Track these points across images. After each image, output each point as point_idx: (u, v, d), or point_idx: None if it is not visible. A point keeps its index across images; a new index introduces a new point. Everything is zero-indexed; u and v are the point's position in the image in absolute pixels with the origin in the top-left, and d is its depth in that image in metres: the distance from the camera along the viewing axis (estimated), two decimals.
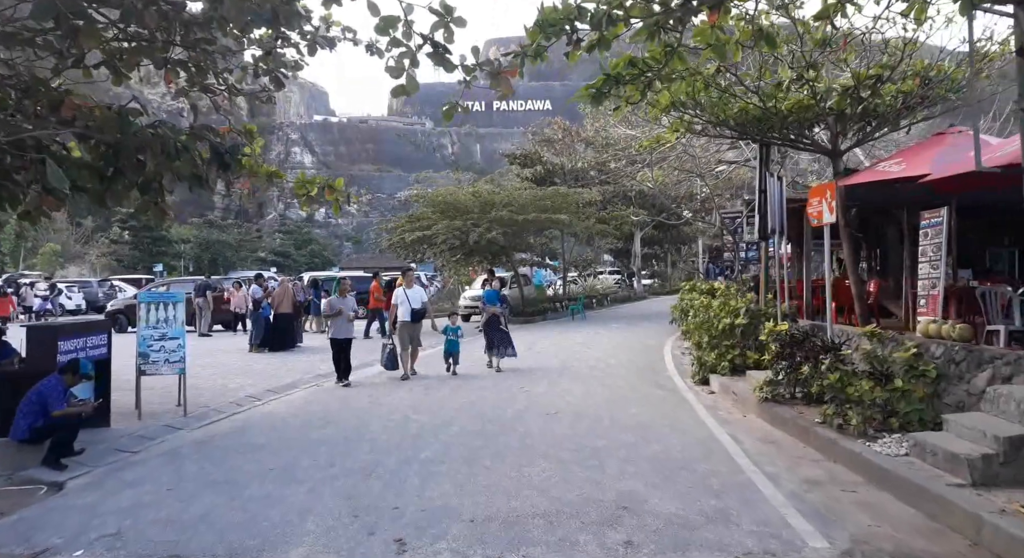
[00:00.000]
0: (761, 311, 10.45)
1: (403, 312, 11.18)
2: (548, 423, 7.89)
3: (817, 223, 8.52)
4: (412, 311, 11.14)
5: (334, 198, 9.96)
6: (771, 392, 7.98)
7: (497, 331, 11.93)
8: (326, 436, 7.44)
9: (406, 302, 11.19)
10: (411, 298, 11.18)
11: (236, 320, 20.17)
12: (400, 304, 11.25)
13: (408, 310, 11.13)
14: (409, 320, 11.17)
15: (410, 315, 11.14)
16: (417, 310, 11.23)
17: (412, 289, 11.38)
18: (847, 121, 10.23)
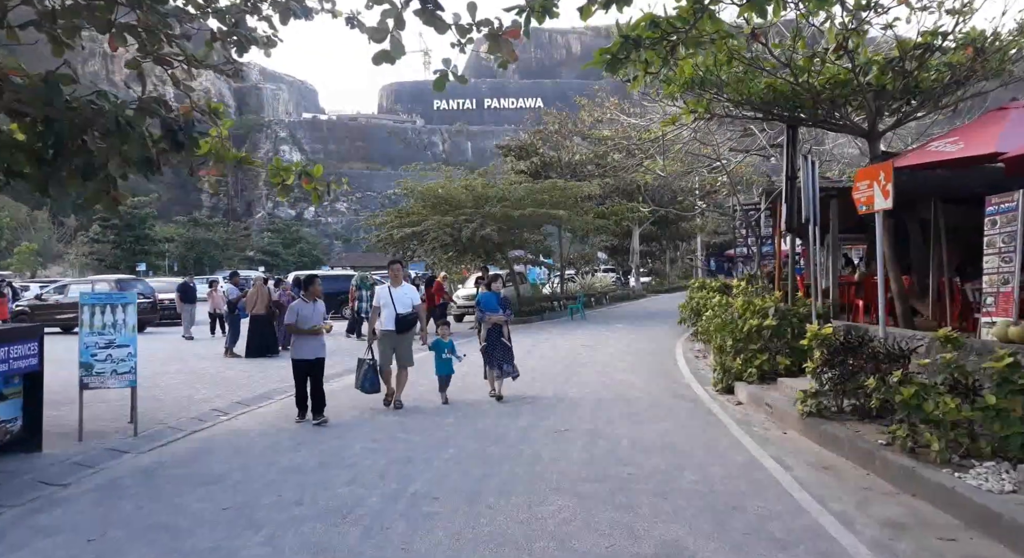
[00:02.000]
0: (792, 311, 9.34)
1: (386, 317, 8.65)
2: (559, 444, 6.75)
3: (866, 210, 7.42)
4: (397, 317, 8.61)
5: (312, 187, 8.80)
6: (816, 405, 6.88)
7: (500, 346, 9.23)
8: (297, 462, 6.27)
9: (390, 305, 8.64)
10: (397, 300, 8.69)
11: (214, 322, 18.93)
12: (383, 307, 8.70)
13: (392, 315, 8.61)
14: (393, 329, 8.62)
15: (395, 322, 8.62)
16: (404, 316, 8.64)
17: (400, 288, 8.84)
18: (887, 98, 9.14)
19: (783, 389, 8.51)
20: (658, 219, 34.47)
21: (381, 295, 8.87)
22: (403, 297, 8.79)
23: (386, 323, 8.67)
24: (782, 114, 9.87)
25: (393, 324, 8.62)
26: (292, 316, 8.09)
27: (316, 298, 8.36)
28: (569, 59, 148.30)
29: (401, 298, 8.76)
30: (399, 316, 8.63)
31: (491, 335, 9.22)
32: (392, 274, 9.03)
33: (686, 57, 7.67)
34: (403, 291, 8.85)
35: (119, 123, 6.46)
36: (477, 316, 9.52)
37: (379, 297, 8.88)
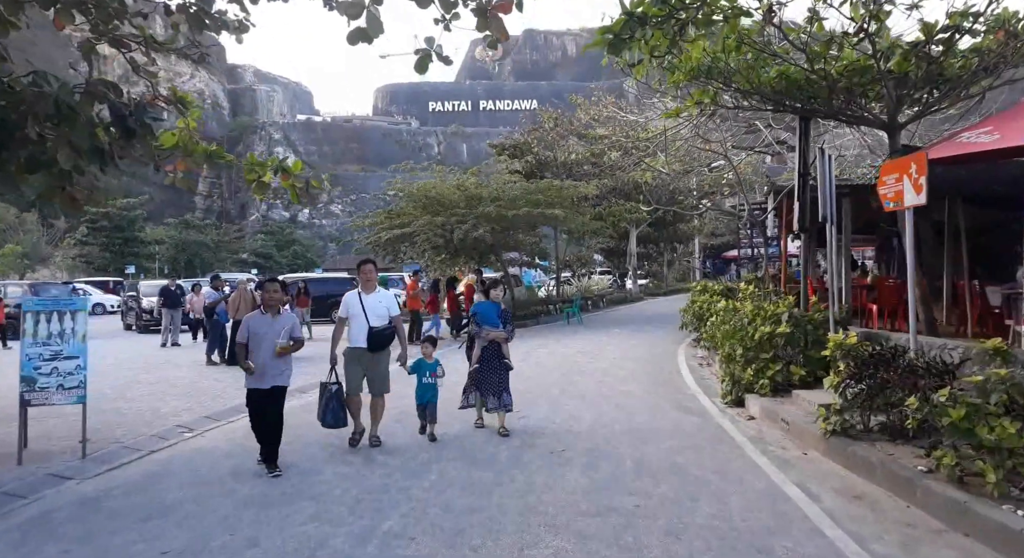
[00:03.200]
0: (807, 317, 8.66)
1: (355, 331, 6.85)
2: (555, 468, 6.03)
3: (894, 207, 6.73)
4: (370, 332, 6.78)
5: (289, 185, 8.08)
6: (840, 423, 6.18)
7: (498, 367, 7.42)
8: (260, 490, 5.55)
9: (360, 315, 6.81)
10: (369, 309, 6.83)
11: (196, 327, 18.15)
12: (352, 318, 6.87)
13: (363, 329, 6.79)
14: (364, 346, 6.81)
15: (365, 338, 6.79)
16: (379, 330, 6.83)
17: (373, 294, 6.98)
18: (909, 87, 8.46)
19: (799, 403, 7.82)
20: (656, 221, 33.81)
21: (348, 303, 6.94)
22: (376, 306, 6.89)
23: (355, 339, 6.83)
24: (794, 105, 9.19)
25: (364, 340, 6.79)
26: (243, 333, 6.16)
27: (276, 307, 6.38)
28: (565, 61, 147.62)
29: (374, 307, 6.87)
30: (372, 330, 6.78)
31: (488, 356, 7.38)
32: (363, 277, 7.06)
33: (696, 39, 7.00)
34: (377, 298, 6.96)
35: (60, 108, 5.76)
36: (472, 330, 7.48)
37: (346, 305, 6.96)
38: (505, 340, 7.50)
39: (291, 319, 6.40)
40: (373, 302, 6.93)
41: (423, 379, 7.25)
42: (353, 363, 6.89)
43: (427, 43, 5.88)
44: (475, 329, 7.49)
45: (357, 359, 6.88)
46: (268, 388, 6.10)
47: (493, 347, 7.44)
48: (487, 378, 7.41)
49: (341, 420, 6.70)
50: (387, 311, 7.00)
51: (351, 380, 6.87)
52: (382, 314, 6.93)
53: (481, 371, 7.41)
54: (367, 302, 6.90)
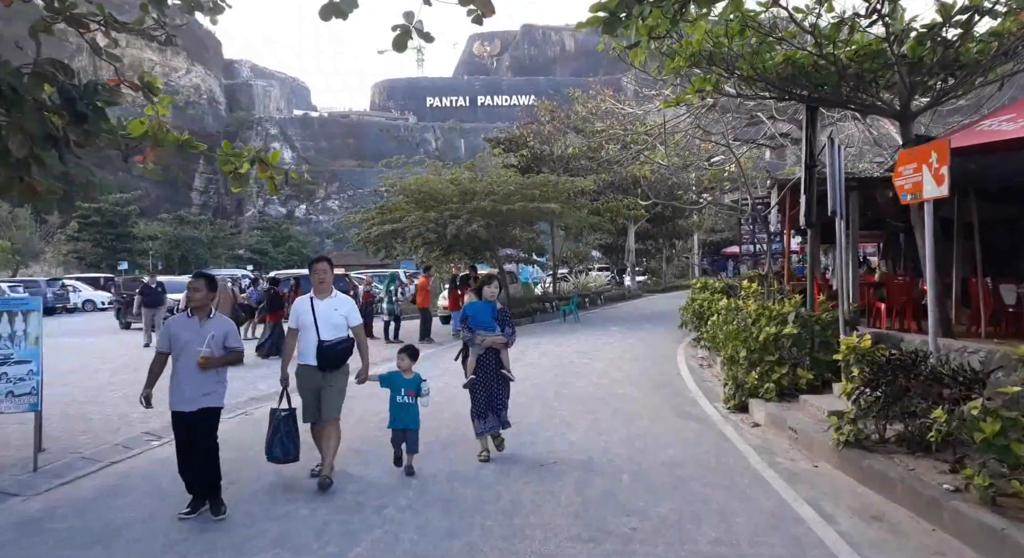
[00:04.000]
0: (815, 317, 8.18)
1: (304, 345, 5.65)
2: (545, 483, 5.55)
3: (912, 199, 6.24)
4: (321, 346, 5.56)
5: (267, 176, 7.57)
6: (854, 433, 5.71)
7: (495, 383, 6.30)
8: None
9: (311, 326, 5.61)
10: (322, 318, 5.62)
11: None
12: (302, 329, 5.67)
13: (313, 342, 5.58)
14: (314, 364, 5.59)
15: (314, 354, 5.58)
16: (331, 345, 5.59)
17: (327, 300, 5.75)
18: (924, 73, 7.97)
19: (807, 409, 7.35)
20: (654, 216, 33.32)
21: (298, 311, 5.73)
22: (331, 314, 5.65)
23: (304, 354, 5.64)
24: (801, 93, 8.69)
25: (313, 356, 5.57)
26: (163, 341, 5.12)
27: (205, 309, 5.14)
28: (563, 56, 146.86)
29: (328, 316, 5.63)
30: (323, 345, 5.54)
31: (484, 366, 6.25)
32: (315, 278, 5.76)
33: (698, 18, 6.50)
34: (332, 305, 5.72)
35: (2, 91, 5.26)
36: (464, 336, 6.38)
37: (295, 314, 5.75)
38: (504, 346, 6.31)
39: (223, 325, 5.18)
40: (327, 309, 5.68)
41: (397, 398, 5.88)
42: (304, 384, 5.70)
43: (406, 19, 5.39)
44: (467, 335, 6.28)
45: (308, 380, 5.67)
46: (195, 411, 4.93)
47: (490, 355, 6.26)
48: (483, 391, 6.24)
49: (291, 453, 5.59)
50: (344, 320, 5.73)
51: (307, 405, 5.72)
52: (338, 324, 5.68)
53: (477, 384, 6.23)
54: (320, 309, 5.66)
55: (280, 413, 5.61)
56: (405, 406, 5.87)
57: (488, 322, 6.28)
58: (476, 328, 6.24)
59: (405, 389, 5.91)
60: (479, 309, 6.41)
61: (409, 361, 6.08)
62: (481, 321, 6.28)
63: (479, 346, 6.22)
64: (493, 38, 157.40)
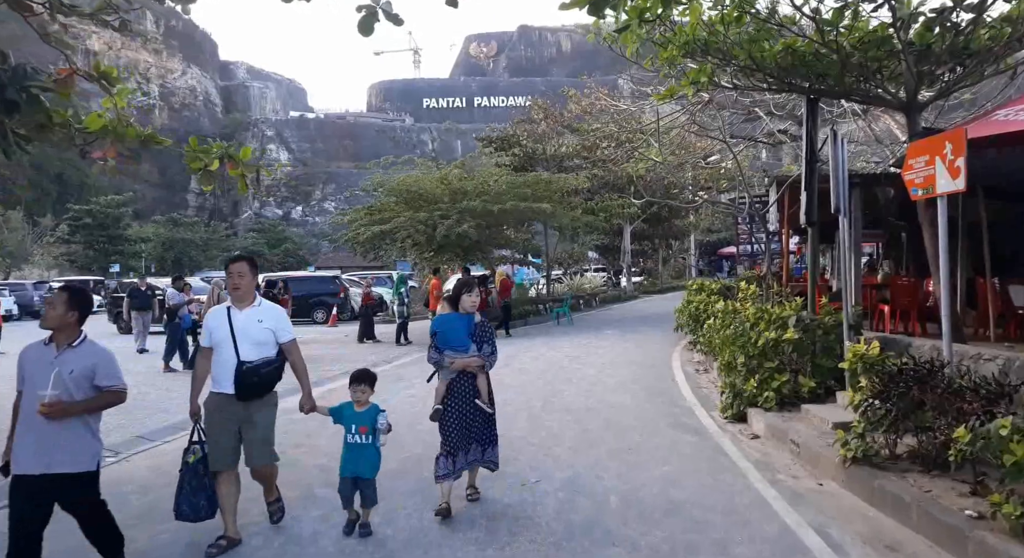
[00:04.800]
0: (817, 321, 7.71)
1: (218, 367, 4.44)
2: (525, 505, 5.07)
3: (923, 194, 5.77)
4: (239, 370, 4.37)
5: (238, 173, 7.10)
6: (862, 448, 5.23)
7: (470, 412, 4.99)
8: (161, 540, 4.56)
9: (228, 341, 4.41)
10: (241, 332, 4.44)
11: None
12: (217, 346, 4.46)
13: (229, 364, 4.39)
14: (230, 392, 4.39)
15: (231, 379, 4.37)
16: (251, 367, 4.39)
17: (248, 310, 4.54)
18: (932, 62, 7.50)
19: (810, 420, 6.87)
20: (650, 217, 32.86)
21: (211, 326, 4.51)
22: (252, 327, 4.43)
23: (218, 379, 4.41)
24: (801, 84, 8.23)
25: (230, 382, 4.34)
26: (19, 375, 3.77)
27: (65, 332, 3.75)
28: (560, 57, 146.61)
29: (249, 329, 4.42)
30: (243, 367, 4.33)
31: (456, 394, 4.95)
32: (232, 282, 4.53)
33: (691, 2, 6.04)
34: (254, 316, 4.48)
35: None
36: (431, 356, 5.02)
37: (207, 328, 4.55)
38: (481, 369, 5.00)
39: (89, 356, 3.74)
40: (248, 322, 4.44)
41: (348, 436, 4.61)
42: (218, 419, 4.39)
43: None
44: (434, 356, 4.97)
45: (223, 412, 4.39)
46: (36, 476, 3.55)
47: (464, 381, 4.96)
48: (457, 425, 4.91)
49: (203, 509, 4.34)
50: (271, 335, 4.50)
51: (217, 445, 4.37)
52: (263, 340, 4.45)
53: (448, 417, 4.93)
54: (239, 322, 4.43)
55: (190, 456, 4.40)
56: (357, 447, 4.57)
57: (461, 340, 4.95)
58: (445, 347, 4.95)
59: (356, 425, 4.58)
60: (451, 323, 5.02)
61: (364, 390, 4.72)
62: (452, 338, 4.95)
63: (449, 369, 4.95)
64: (490, 39, 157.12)
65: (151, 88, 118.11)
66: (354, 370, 4.91)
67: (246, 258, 4.70)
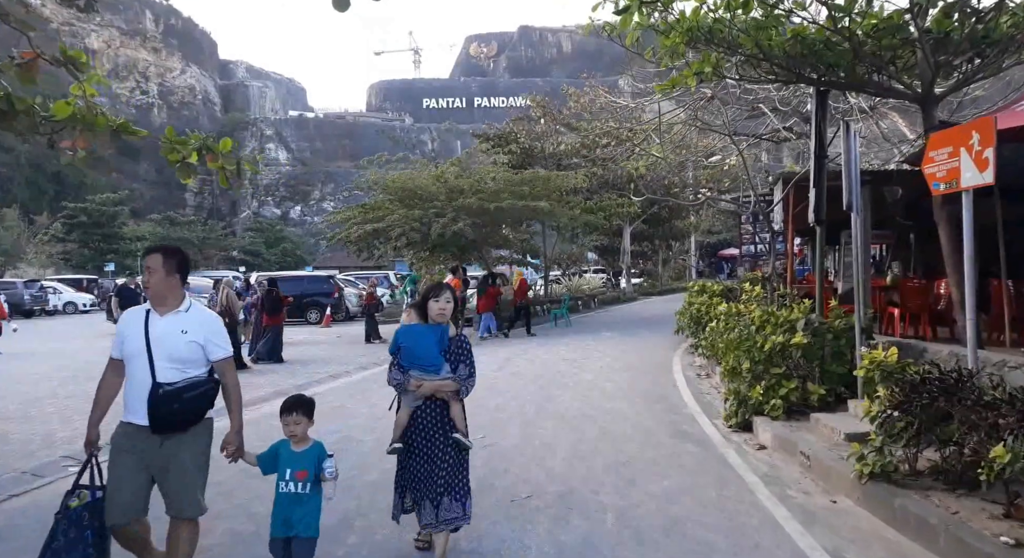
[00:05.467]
0: (826, 325, 7.29)
1: (130, 389, 3.41)
2: (513, 523, 4.65)
3: (946, 189, 5.35)
4: (154, 393, 3.31)
5: (219, 166, 6.68)
6: (881, 464, 4.81)
7: (439, 448, 3.95)
8: None
9: (140, 355, 3.39)
10: (158, 344, 3.39)
11: None
12: (128, 360, 3.46)
13: (142, 386, 3.34)
14: (143, 423, 3.34)
15: (146, 405, 3.30)
16: (171, 391, 3.34)
17: (171, 316, 3.49)
18: (950, 51, 7.09)
19: (820, 430, 6.45)
20: (650, 217, 32.45)
21: (124, 334, 3.51)
22: (175, 339, 3.44)
23: (129, 404, 3.42)
24: (810, 76, 7.81)
25: (143, 410, 3.33)
26: None
27: None
28: (560, 58, 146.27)
29: (169, 341, 3.42)
30: (160, 391, 3.33)
31: (422, 425, 3.97)
32: (149, 283, 3.51)
33: None
34: (178, 324, 3.48)
35: None
36: (391, 377, 4.02)
37: (119, 335, 3.55)
38: (455, 395, 3.98)
39: None
40: (169, 331, 3.41)
41: (282, 484, 3.49)
42: (125, 457, 3.36)
43: None
44: (396, 376, 3.97)
45: (132, 448, 3.36)
46: None
47: (432, 409, 3.96)
48: (418, 467, 3.91)
49: None
50: (198, 351, 3.47)
51: (117, 492, 3.35)
52: (187, 356, 3.43)
53: (411, 455, 3.94)
54: (157, 331, 3.40)
55: (73, 500, 3.36)
56: (292, 499, 3.46)
57: (430, 356, 3.92)
58: (410, 366, 3.94)
59: (293, 469, 3.47)
60: (418, 336, 3.97)
61: (301, 422, 3.57)
62: (420, 355, 3.93)
63: (414, 395, 3.92)
64: (490, 39, 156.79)
65: (150, 87, 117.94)
66: (288, 399, 3.71)
67: (161, 249, 3.59)
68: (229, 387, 3.59)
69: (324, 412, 8.29)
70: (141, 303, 10.15)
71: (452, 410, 3.97)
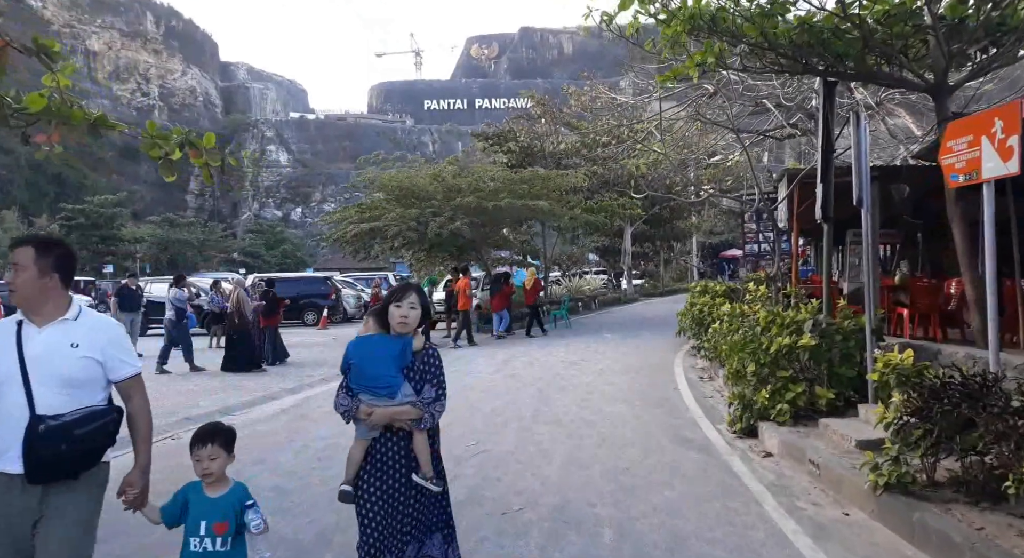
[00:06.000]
0: (834, 326, 6.98)
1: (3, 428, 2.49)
2: (503, 539, 4.34)
3: (965, 180, 5.04)
4: (31, 430, 2.44)
5: (202, 162, 6.39)
6: (897, 474, 4.49)
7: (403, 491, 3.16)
8: None
9: (13, 382, 2.50)
10: (36, 364, 2.53)
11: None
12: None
13: (14, 426, 2.46)
14: (16, 471, 2.46)
15: (20, 446, 2.43)
16: (54, 427, 2.47)
17: (60, 325, 2.64)
18: (965, 39, 6.78)
19: (829, 436, 6.13)
20: (652, 218, 32.13)
21: None
22: (61, 356, 2.60)
23: None
24: (818, 66, 7.50)
25: (16, 452, 2.46)
26: None
27: None
28: (561, 59, 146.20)
29: (51, 360, 2.57)
30: (40, 426, 2.47)
31: (379, 463, 3.16)
32: (16, 285, 2.62)
33: None
34: (62, 336, 2.64)
35: None
36: (338, 402, 3.17)
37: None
38: (419, 424, 3.12)
39: None
40: (52, 344, 2.62)
41: (194, 541, 2.73)
42: None
43: None
44: (343, 402, 3.15)
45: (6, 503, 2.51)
46: None
47: (392, 445, 3.17)
48: (380, 516, 3.12)
49: None
50: (94, 367, 2.68)
51: None
52: (80, 378, 2.63)
53: (369, 500, 3.14)
54: (34, 345, 2.60)
55: None
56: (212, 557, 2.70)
57: (383, 375, 3.09)
58: (360, 388, 3.12)
59: (208, 522, 2.72)
60: (373, 351, 3.15)
61: (213, 453, 2.79)
62: (373, 374, 3.11)
63: (369, 425, 3.11)
64: (491, 41, 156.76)
65: (151, 88, 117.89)
66: (200, 429, 2.91)
67: (32, 241, 2.70)
68: (137, 414, 2.77)
69: (314, 417, 8.02)
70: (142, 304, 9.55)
71: (415, 444, 3.14)
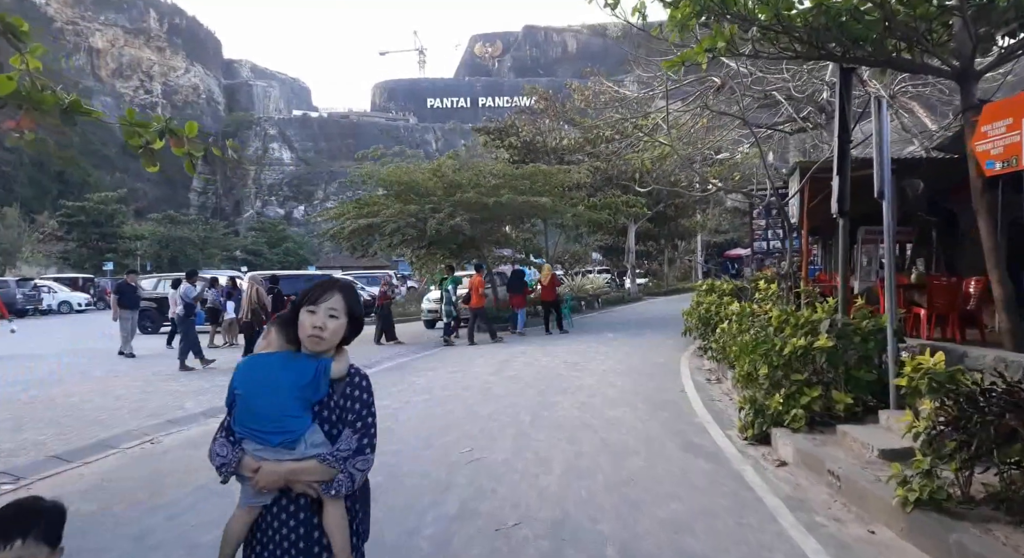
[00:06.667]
0: (852, 327, 6.56)
1: None
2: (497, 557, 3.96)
3: (1002, 168, 4.63)
4: None
5: (184, 152, 6.00)
6: (929, 491, 4.09)
7: None
8: None
9: None
10: None
11: (173, 330, 15.64)
12: None
13: None
14: None
15: None
16: None
17: None
18: (993, 21, 6.36)
19: (849, 444, 5.73)
20: (656, 216, 31.68)
21: None
22: None
23: None
24: (835, 51, 7.08)
25: None
26: None
27: None
28: (565, 57, 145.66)
29: None
30: None
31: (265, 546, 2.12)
32: None
33: None
34: None
35: None
36: (214, 452, 2.14)
37: None
38: (328, 488, 2.09)
39: None
40: None
41: None
42: None
43: None
44: (219, 452, 2.14)
45: None
46: None
47: (290, 514, 2.14)
48: None
49: None
50: None
51: None
52: None
53: None
54: None
55: None
56: None
57: (284, 415, 2.11)
58: (244, 432, 2.16)
59: None
60: (268, 375, 2.17)
61: (25, 553, 1.69)
62: (264, 411, 2.13)
63: (258, 487, 2.12)
64: (495, 39, 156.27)
65: (154, 86, 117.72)
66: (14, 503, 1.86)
67: None
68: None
69: None
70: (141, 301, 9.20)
71: (326, 519, 2.12)
